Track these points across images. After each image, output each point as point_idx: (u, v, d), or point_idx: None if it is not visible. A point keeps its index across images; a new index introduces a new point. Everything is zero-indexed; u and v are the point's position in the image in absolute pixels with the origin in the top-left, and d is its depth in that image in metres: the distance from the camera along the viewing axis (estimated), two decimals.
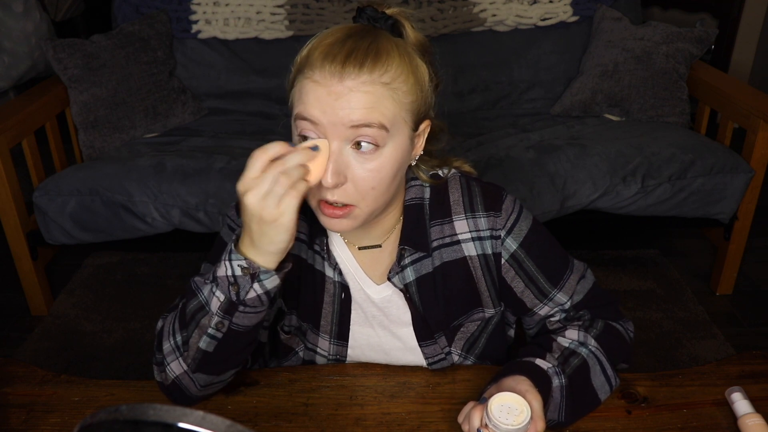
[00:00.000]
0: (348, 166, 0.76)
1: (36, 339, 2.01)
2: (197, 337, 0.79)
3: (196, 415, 0.36)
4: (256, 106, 2.48)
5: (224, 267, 0.75)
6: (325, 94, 0.74)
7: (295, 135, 0.78)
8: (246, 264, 0.74)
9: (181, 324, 0.81)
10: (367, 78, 0.74)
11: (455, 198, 0.90)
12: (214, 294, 0.76)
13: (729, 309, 2.16)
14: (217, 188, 1.92)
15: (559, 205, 1.96)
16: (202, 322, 0.78)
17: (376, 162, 0.76)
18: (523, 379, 0.79)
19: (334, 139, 0.75)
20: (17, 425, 0.83)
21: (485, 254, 0.90)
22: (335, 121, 0.74)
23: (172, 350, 0.81)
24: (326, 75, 0.74)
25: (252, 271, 0.74)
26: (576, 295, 0.92)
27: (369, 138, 0.74)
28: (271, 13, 2.41)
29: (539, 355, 0.85)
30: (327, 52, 0.75)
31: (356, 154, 0.75)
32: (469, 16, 2.45)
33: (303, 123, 0.76)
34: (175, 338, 0.81)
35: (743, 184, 1.99)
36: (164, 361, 0.82)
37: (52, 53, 2.13)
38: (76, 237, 1.98)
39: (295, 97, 0.78)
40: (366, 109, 0.74)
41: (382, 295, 0.92)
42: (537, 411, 0.74)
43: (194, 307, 0.78)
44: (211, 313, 0.77)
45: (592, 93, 2.33)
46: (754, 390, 0.85)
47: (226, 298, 0.75)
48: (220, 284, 0.75)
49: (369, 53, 0.75)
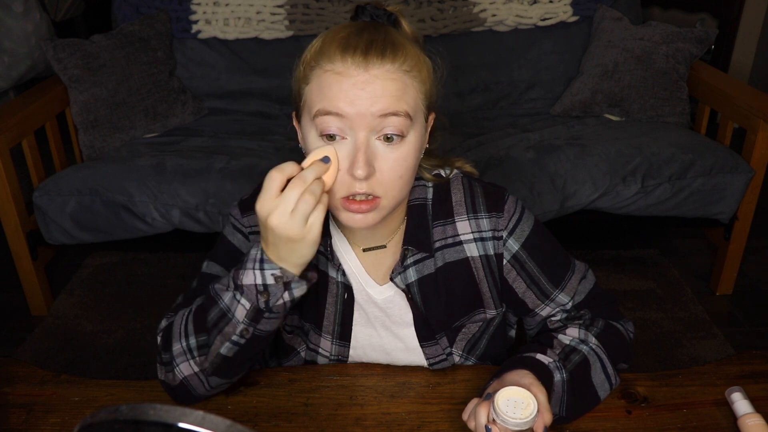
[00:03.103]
0: (375, 156, 0.76)
1: (36, 339, 2.01)
2: (219, 343, 0.78)
3: (196, 415, 0.36)
4: (256, 106, 2.48)
5: (253, 275, 0.74)
6: (350, 84, 0.74)
7: (313, 135, 0.77)
8: (280, 273, 0.74)
9: (197, 328, 0.80)
10: (390, 66, 0.75)
11: (458, 199, 0.90)
12: (239, 302, 0.75)
13: (729, 309, 2.16)
14: (217, 188, 1.92)
15: (559, 205, 1.96)
16: (225, 330, 0.77)
17: (402, 150, 0.77)
18: (527, 373, 0.79)
19: (361, 130, 0.74)
20: (17, 425, 0.82)
21: (487, 255, 0.90)
22: (363, 112, 0.73)
23: (183, 352, 0.81)
24: (349, 65, 0.74)
25: (285, 280, 0.74)
26: (577, 296, 0.92)
27: (395, 128, 0.75)
28: (271, 13, 2.41)
29: (540, 351, 0.85)
30: (345, 44, 0.75)
31: (383, 144, 0.76)
32: (469, 16, 2.45)
33: (326, 119, 0.75)
34: (188, 341, 0.81)
35: (743, 184, 1.99)
36: (173, 361, 0.82)
37: (52, 53, 2.13)
38: (76, 237, 1.98)
39: (312, 93, 0.77)
40: (392, 97, 0.74)
41: (385, 295, 0.92)
42: (543, 403, 0.74)
43: (216, 315, 0.78)
44: (235, 320, 0.76)
45: (592, 93, 2.33)
46: (754, 390, 0.85)
47: (253, 306, 0.75)
48: (246, 292, 0.75)
49: (387, 43, 0.76)
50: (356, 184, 0.75)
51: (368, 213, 0.78)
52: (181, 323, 0.82)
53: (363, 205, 0.77)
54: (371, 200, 0.77)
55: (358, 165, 0.74)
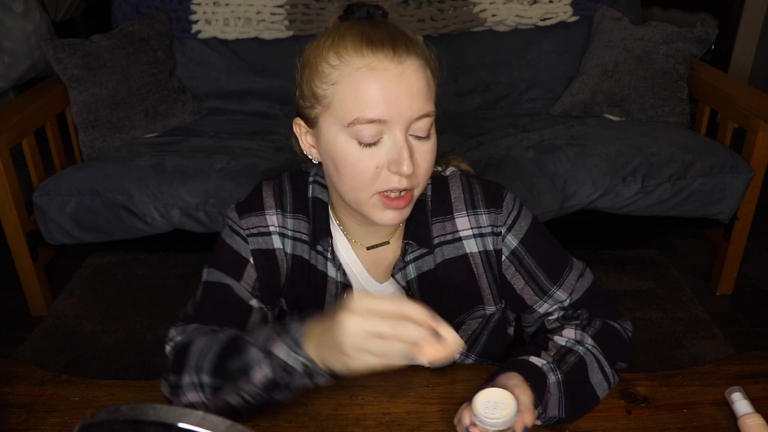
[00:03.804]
0: (412, 151, 0.78)
1: (36, 339, 2.01)
2: (229, 393, 0.76)
3: (196, 415, 0.36)
4: (256, 106, 2.48)
5: (284, 353, 0.70)
6: (386, 80, 0.74)
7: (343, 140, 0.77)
8: (310, 366, 0.69)
9: (214, 370, 0.77)
10: (415, 59, 0.76)
11: (456, 195, 0.90)
12: (261, 368, 0.72)
13: (729, 309, 2.16)
14: (217, 188, 1.92)
15: (559, 205, 1.96)
16: (239, 385, 0.74)
17: (430, 143, 0.80)
18: (514, 375, 0.79)
19: (399, 129, 0.76)
20: (17, 425, 0.82)
21: (486, 251, 0.90)
22: (402, 113, 0.75)
23: (193, 385, 0.78)
24: (381, 58, 0.74)
25: (312, 373, 0.70)
26: (575, 293, 0.92)
27: (425, 128, 0.78)
28: (271, 13, 2.41)
29: (534, 353, 0.85)
30: (368, 37, 0.75)
31: (415, 139, 0.78)
32: (469, 16, 2.45)
33: (366, 128, 0.75)
34: (200, 377, 0.78)
35: (743, 184, 1.99)
36: (181, 388, 0.79)
37: (52, 53, 2.13)
38: (76, 237, 1.98)
39: (344, 97, 0.75)
40: (423, 96, 0.76)
41: (385, 293, 0.92)
42: (525, 404, 0.74)
43: (235, 366, 0.74)
44: (252, 382, 0.73)
45: (592, 93, 2.33)
46: (754, 390, 0.85)
47: (273, 379, 0.72)
48: (273, 365, 0.71)
49: (404, 36, 0.77)
50: (395, 179, 0.77)
51: (404, 209, 0.80)
52: (199, 356, 0.79)
53: (401, 202, 0.79)
54: (406, 195, 0.79)
55: (404, 162, 0.76)
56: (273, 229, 0.90)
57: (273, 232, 0.90)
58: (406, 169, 0.76)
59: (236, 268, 0.89)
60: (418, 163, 0.78)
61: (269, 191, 0.91)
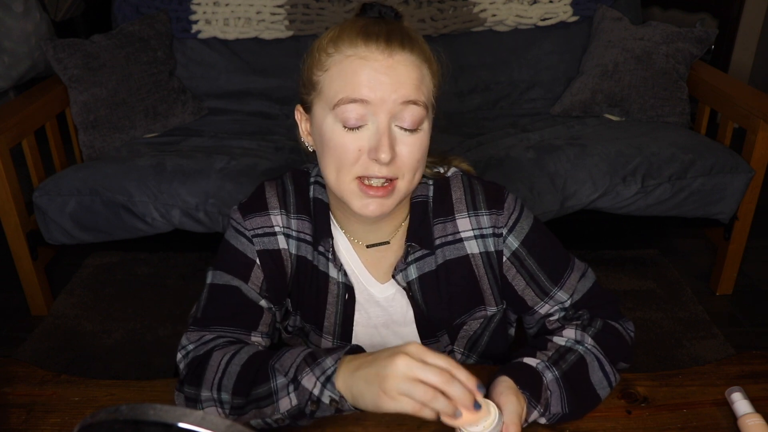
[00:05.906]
0: (396, 141, 0.78)
1: (36, 339, 2.01)
2: (251, 415, 0.76)
3: (196, 415, 0.36)
4: (256, 106, 2.48)
5: (314, 384, 0.72)
6: (373, 69, 0.75)
7: (330, 123, 0.78)
8: (338, 400, 0.71)
9: (236, 390, 0.77)
10: (409, 55, 0.77)
11: (457, 196, 0.90)
12: (289, 395, 0.73)
13: (729, 309, 2.16)
14: (217, 188, 1.91)
15: (559, 205, 1.96)
16: (263, 409, 0.75)
17: (419, 135, 0.79)
18: (503, 380, 0.78)
19: (382, 115, 0.76)
20: (17, 425, 0.82)
21: (487, 252, 0.90)
22: (385, 97, 0.75)
23: (213, 401, 0.78)
24: (373, 50, 0.75)
25: (339, 407, 0.71)
26: (576, 294, 0.92)
27: (413, 118, 0.77)
28: (271, 13, 2.41)
29: (529, 354, 0.85)
30: (366, 31, 0.77)
31: (400, 130, 0.78)
32: (469, 16, 2.45)
33: (349, 108, 0.76)
34: (220, 395, 0.78)
35: (743, 184, 1.99)
36: (199, 402, 0.79)
37: (52, 53, 2.13)
38: (76, 237, 1.98)
39: (332, 80, 0.78)
40: (413, 85, 0.77)
41: (386, 294, 0.92)
42: (511, 413, 0.72)
43: (262, 392, 0.75)
44: (277, 408, 0.74)
45: (592, 93, 2.33)
46: (754, 390, 0.85)
47: (299, 408, 0.73)
48: (300, 393, 0.73)
49: (404, 34, 0.78)
50: (375, 166, 0.77)
51: (384, 199, 0.79)
52: (219, 372, 0.79)
53: (380, 191, 0.78)
54: (387, 186, 0.79)
55: (382, 149, 0.75)
56: (278, 230, 0.89)
57: (278, 232, 0.89)
58: (384, 156, 0.75)
59: (243, 270, 0.88)
60: (401, 154, 0.78)
61: (272, 191, 0.91)
